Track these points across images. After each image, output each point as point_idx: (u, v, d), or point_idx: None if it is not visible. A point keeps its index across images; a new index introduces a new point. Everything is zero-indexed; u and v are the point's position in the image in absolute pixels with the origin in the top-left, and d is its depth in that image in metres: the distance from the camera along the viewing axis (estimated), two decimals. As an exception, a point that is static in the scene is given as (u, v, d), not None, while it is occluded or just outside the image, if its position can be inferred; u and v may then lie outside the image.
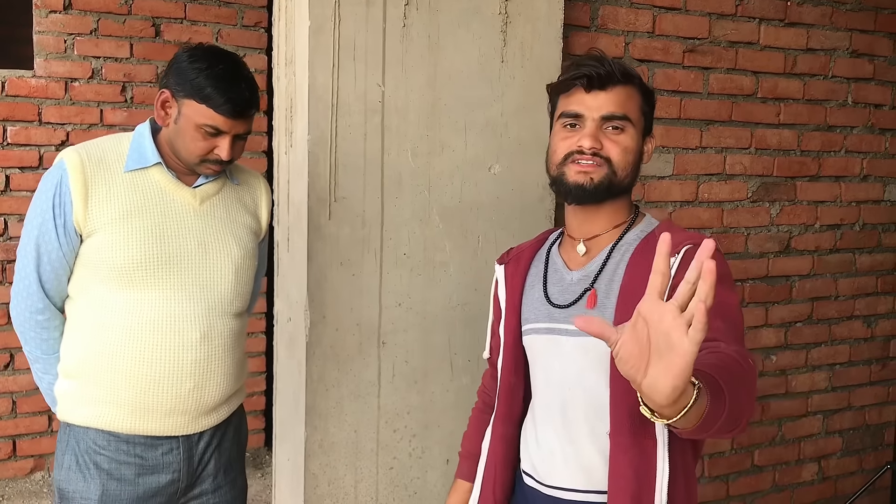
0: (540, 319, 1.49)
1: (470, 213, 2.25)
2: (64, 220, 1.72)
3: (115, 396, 1.74)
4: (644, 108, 1.47)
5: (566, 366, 1.44)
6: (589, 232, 1.49)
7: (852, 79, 3.03)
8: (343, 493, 2.21)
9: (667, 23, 2.67)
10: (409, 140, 2.17)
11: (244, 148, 1.84)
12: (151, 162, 1.77)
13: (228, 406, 1.88)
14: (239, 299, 1.86)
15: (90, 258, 1.73)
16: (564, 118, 1.47)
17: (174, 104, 1.74)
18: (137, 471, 1.77)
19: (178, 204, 1.79)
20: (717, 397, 1.07)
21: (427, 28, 2.16)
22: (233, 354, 1.84)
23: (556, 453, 1.45)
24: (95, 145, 1.79)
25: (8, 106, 3.37)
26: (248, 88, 1.74)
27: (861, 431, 3.32)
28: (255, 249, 1.92)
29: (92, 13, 3.44)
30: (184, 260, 1.77)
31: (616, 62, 1.44)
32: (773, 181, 2.96)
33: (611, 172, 1.42)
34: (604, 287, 1.43)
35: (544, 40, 2.31)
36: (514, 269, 1.60)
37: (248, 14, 3.71)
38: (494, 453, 1.57)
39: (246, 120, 1.77)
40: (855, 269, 3.17)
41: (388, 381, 2.21)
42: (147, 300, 1.73)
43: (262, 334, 3.92)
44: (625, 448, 1.35)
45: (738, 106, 2.84)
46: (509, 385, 1.56)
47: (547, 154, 1.52)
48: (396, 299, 2.20)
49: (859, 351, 3.24)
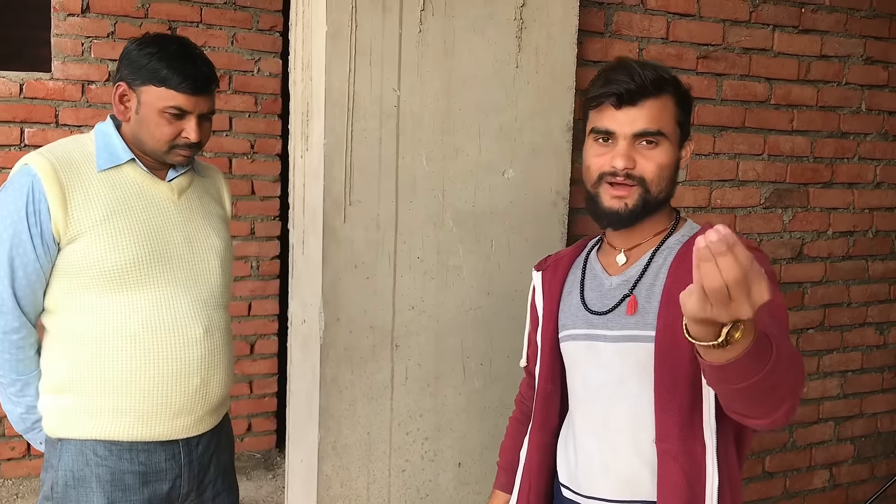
0: (578, 325, 1.46)
1: (483, 217, 2.27)
2: (41, 230, 1.63)
3: (118, 404, 1.68)
4: (679, 117, 1.41)
5: (605, 373, 1.41)
6: (629, 243, 1.46)
7: (866, 86, 3.03)
8: (356, 494, 2.22)
9: (681, 29, 2.68)
10: (423, 144, 2.18)
11: (211, 130, 1.80)
12: (124, 159, 1.72)
13: (224, 405, 1.87)
14: (226, 290, 1.85)
15: (72, 265, 1.66)
16: (596, 133, 1.41)
17: (132, 95, 1.70)
18: (142, 479, 1.72)
19: (159, 199, 1.75)
20: (764, 346, 1.04)
21: (443, 33, 2.17)
22: (230, 346, 1.83)
23: (597, 463, 1.41)
24: (59, 148, 1.72)
25: (26, 108, 3.40)
26: (203, 64, 1.71)
27: (873, 439, 3.31)
28: (230, 239, 1.90)
29: (109, 16, 3.47)
30: (174, 256, 1.73)
31: (647, 70, 1.37)
32: (786, 188, 2.96)
33: (644, 192, 1.38)
34: (644, 292, 1.39)
35: (559, 46, 2.32)
36: (551, 276, 1.57)
37: (263, 18, 3.74)
38: (531, 463, 1.54)
39: (207, 96, 1.72)
40: (868, 276, 3.17)
41: (400, 384, 2.23)
42: (144, 301, 1.68)
43: (274, 336, 3.94)
44: (674, 455, 1.32)
45: (751, 112, 2.84)
46: (546, 392, 1.54)
47: (582, 167, 1.47)
48: (410, 302, 2.21)
49: (871, 358, 3.23)
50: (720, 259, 0.88)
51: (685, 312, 0.97)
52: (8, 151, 3.40)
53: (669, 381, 1.32)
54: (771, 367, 1.04)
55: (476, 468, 2.34)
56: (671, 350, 1.31)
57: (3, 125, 3.38)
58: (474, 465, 2.33)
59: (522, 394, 1.75)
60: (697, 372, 1.30)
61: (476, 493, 2.34)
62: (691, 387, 1.32)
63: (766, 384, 1.06)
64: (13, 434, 3.50)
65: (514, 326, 2.32)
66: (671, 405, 1.31)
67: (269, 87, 3.78)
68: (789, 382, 1.11)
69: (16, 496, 3.45)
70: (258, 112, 3.79)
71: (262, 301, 3.91)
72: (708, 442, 1.32)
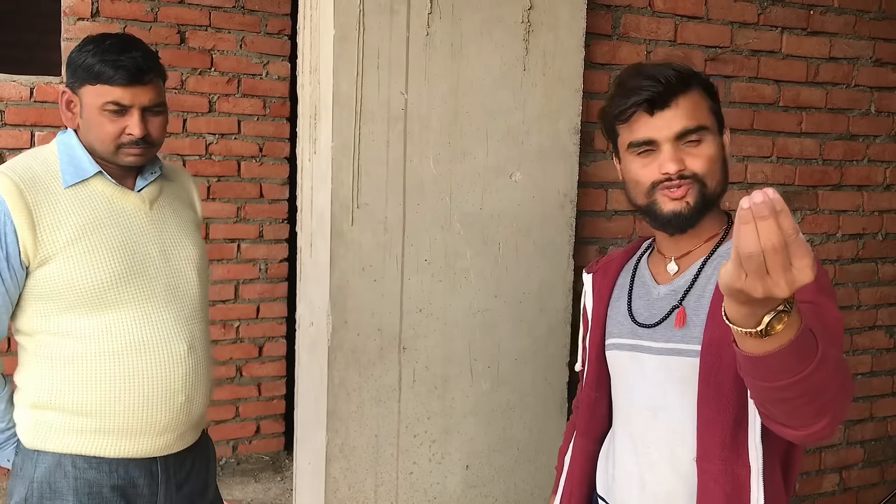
0: (623, 335, 1.41)
1: (491, 220, 2.27)
2: (7, 254, 1.56)
3: (103, 424, 1.64)
4: (713, 106, 1.35)
5: (648, 386, 1.36)
6: (682, 250, 1.39)
7: (875, 88, 3.02)
8: (363, 497, 2.22)
9: (689, 31, 2.67)
10: (431, 147, 2.19)
11: (165, 126, 1.71)
12: (91, 172, 1.65)
13: (203, 420, 1.83)
14: (205, 300, 1.80)
15: (47, 287, 1.59)
16: (634, 147, 1.33)
17: (76, 100, 1.64)
18: (120, 492, 1.67)
19: (130, 212, 1.68)
20: (808, 345, 0.97)
21: (450, 36, 2.18)
22: (210, 359, 1.79)
23: (634, 479, 1.38)
24: (20, 165, 1.64)
25: (36, 111, 3.42)
26: (141, 56, 1.62)
27: (883, 442, 3.29)
28: (203, 243, 1.85)
29: (119, 20, 3.49)
30: (150, 270, 1.67)
31: (669, 70, 1.31)
32: (795, 190, 2.95)
33: (702, 187, 1.31)
34: (693, 304, 1.33)
35: (566, 48, 2.32)
36: (601, 280, 1.51)
37: (271, 22, 3.75)
38: (573, 468, 1.52)
39: (145, 87, 1.62)
40: (877, 279, 3.15)
41: (408, 387, 2.23)
42: (125, 320, 1.63)
43: (282, 339, 3.95)
44: (714, 476, 1.26)
45: (759, 114, 2.83)
46: (591, 400, 1.50)
47: (625, 185, 1.40)
48: (417, 305, 2.21)
49: (881, 361, 3.22)
50: (761, 223, 0.82)
51: (720, 283, 0.91)
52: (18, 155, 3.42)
53: (714, 398, 1.27)
54: (813, 368, 0.97)
55: (484, 471, 2.34)
56: (717, 365, 1.26)
57: (13, 129, 3.40)
58: (482, 467, 2.33)
59: (578, 397, 1.68)
60: (744, 389, 1.23)
61: (484, 495, 2.34)
62: (737, 404, 1.25)
63: (805, 387, 0.99)
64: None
65: (521, 329, 2.33)
66: (715, 423, 1.26)
67: (277, 90, 3.80)
68: (832, 391, 1.03)
69: None
70: (266, 115, 3.80)
71: (270, 304, 3.91)
72: (753, 464, 1.26)
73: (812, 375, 0.97)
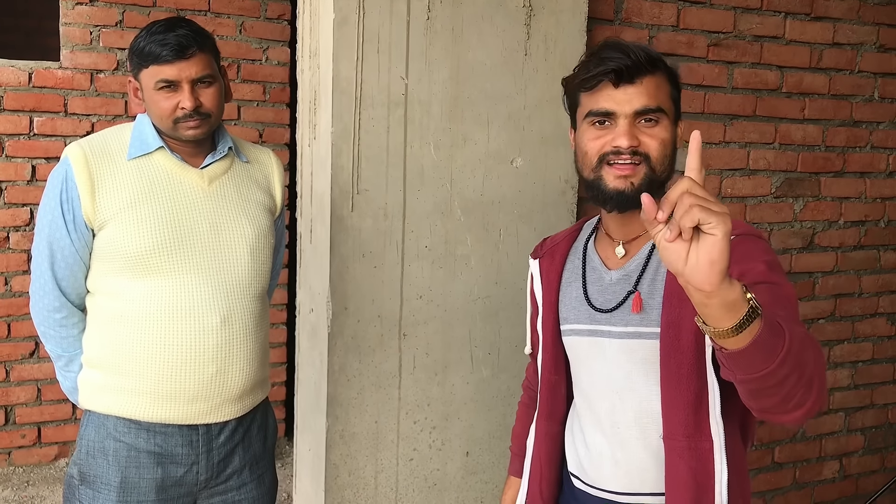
0: (581, 321, 1.44)
1: (492, 206, 2.26)
2: (73, 216, 1.71)
3: (137, 385, 1.73)
4: (673, 94, 1.39)
5: (612, 369, 1.40)
6: (629, 234, 1.42)
7: (879, 74, 3.00)
8: (363, 483, 2.22)
9: (691, 16, 2.65)
10: (431, 133, 2.17)
11: (218, 96, 1.77)
12: (153, 147, 1.76)
13: (252, 397, 1.86)
14: (257, 280, 1.83)
15: (104, 251, 1.72)
16: (593, 116, 1.36)
17: (139, 85, 1.75)
18: (157, 459, 1.76)
19: (187, 186, 1.77)
20: (775, 329, 1.03)
21: (451, 21, 2.16)
22: (256, 338, 1.81)
23: (606, 458, 1.41)
24: (99, 137, 1.79)
25: (35, 97, 3.40)
26: (185, 33, 1.69)
27: (883, 429, 3.29)
28: (271, 227, 1.88)
29: (117, 5, 3.47)
30: (197, 243, 1.74)
31: (639, 49, 1.34)
32: (797, 177, 2.93)
33: (650, 171, 1.33)
34: (646, 288, 1.37)
35: (568, 33, 2.30)
36: (549, 264, 1.54)
37: (271, 6, 3.73)
38: (539, 451, 1.54)
39: (190, 60, 1.69)
40: (879, 266, 3.15)
41: (408, 373, 2.22)
42: (163, 287, 1.71)
43: (282, 325, 3.94)
44: (680, 452, 1.32)
45: (762, 101, 2.82)
46: (551, 383, 1.53)
47: (575, 155, 1.43)
48: (418, 292, 2.21)
49: (882, 348, 3.21)
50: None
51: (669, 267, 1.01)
52: (17, 140, 3.40)
53: (675, 378, 1.32)
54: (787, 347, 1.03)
55: (484, 457, 2.34)
56: (675, 346, 1.31)
57: (12, 114, 3.38)
58: (482, 454, 2.33)
59: (529, 378, 1.75)
60: (701, 367, 1.30)
61: (484, 482, 2.34)
62: (696, 383, 1.31)
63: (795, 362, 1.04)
64: (24, 422, 3.53)
65: (521, 316, 2.31)
66: (677, 402, 1.31)
67: (277, 75, 3.77)
68: (811, 361, 1.08)
69: (27, 483, 3.47)
70: (266, 101, 3.78)
71: (270, 290, 3.91)
72: (715, 438, 1.31)
73: (792, 353, 1.03)
